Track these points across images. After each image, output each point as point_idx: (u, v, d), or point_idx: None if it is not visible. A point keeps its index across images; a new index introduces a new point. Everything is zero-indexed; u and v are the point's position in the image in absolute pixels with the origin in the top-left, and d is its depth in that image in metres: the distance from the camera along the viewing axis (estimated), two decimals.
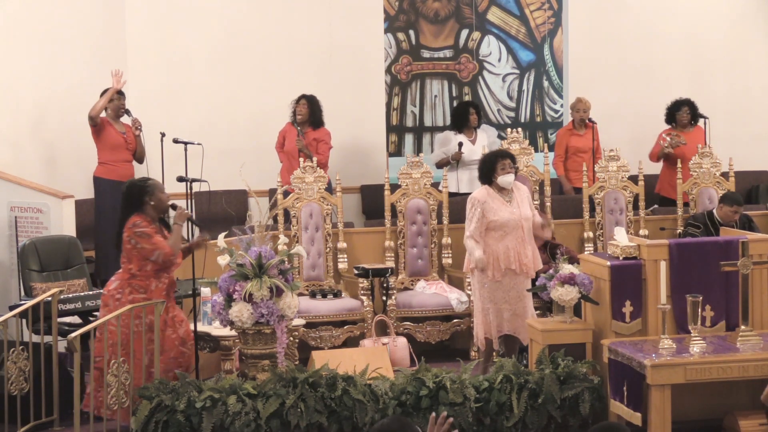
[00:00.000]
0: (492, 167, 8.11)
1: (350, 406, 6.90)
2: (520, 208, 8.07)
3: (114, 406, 7.00)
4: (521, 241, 8.05)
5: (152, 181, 7.50)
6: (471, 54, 12.50)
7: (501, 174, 8.07)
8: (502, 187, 8.08)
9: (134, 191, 7.38)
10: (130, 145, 10.11)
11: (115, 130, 10.07)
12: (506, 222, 8.01)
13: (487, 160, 8.25)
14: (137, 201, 7.35)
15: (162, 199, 7.41)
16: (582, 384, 7.02)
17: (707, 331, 7.15)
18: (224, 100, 11.31)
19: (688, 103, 11.20)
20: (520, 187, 8.22)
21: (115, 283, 7.34)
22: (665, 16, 12.32)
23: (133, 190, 7.39)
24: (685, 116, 11.13)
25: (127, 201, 7.39)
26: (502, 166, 8.08)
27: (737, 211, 9.28)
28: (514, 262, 8.00)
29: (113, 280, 7.39)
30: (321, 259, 9.43)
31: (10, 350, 7.30)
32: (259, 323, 6.99)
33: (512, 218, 8.02)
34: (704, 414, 7.10)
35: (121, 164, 10.09)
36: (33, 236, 8.79)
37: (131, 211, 7.34)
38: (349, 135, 11.50)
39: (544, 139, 12.43)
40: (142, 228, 7.25)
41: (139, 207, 7.34)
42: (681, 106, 11.16)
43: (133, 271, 7.30)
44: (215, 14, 11.35)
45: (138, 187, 7.40)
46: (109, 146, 10.02)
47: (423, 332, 9.15)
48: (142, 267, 7.28)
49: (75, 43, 10.64)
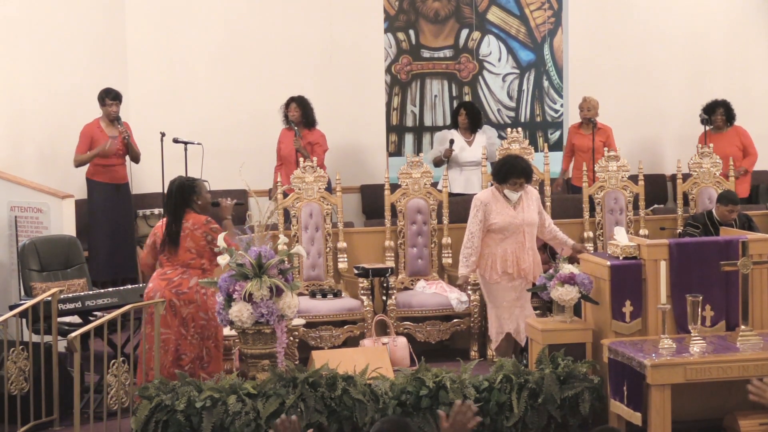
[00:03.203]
0: (505, 178, 8.00)
1: (350, 406, 6.90)
2: (525, 213, 8.05)
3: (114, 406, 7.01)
4: (521, 245, 8.03)
5: (199, 181, 7.70)
6: (471, 54, 12.51)
7: (509, 188, 8.01)
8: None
9: (185, 190, 7.55)
10: (120, 151, 10.12)
11: (107, 136, 10.06)
12: (507, 226, 7.99)
13: (504, 169, 8.07)
14: (188, 199, 7.53)
15: (207, 199, 7.66)
16: (582, 384, 7.02)
17: (707, 330, 7.15)
18: (224, 100, 11.31)
19: (724, 104, 11.22)
20: (529, 191, 8.16)
21: (192, 280, 7.42)
22: (665, 17, 12.32)
23: (183, 190, 7.56)
24: (720, 118, 11.15)
25: (179, 199, 7.53)
26: (514, 182, 7.99)
27: (733, 210, 9.27)
28: (511, 266, 7.99)
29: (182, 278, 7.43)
30: (321, 258, 9.43)
31: (10, 350, 7.29)
32: (259, 323, 6.99)
33: (514, 222, 8.00)
34: (704, 414, 7.10)
35: (112, 167, 10.10)
36: (33, 236, 8.79)
37: (182, 209, 7.51)
38: (349, 135, 11.50)
39: (544, 139, 12.44)
40: (215, 225, 7.49)
41: (188, 205, 7.53)
42: (716, 108, 11.19)
43: (205, 266, 7.48)
44: (215, 14, 11.36)
45: (187, 187, 7.57)
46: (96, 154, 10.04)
47: (423, 332, 9.15)
48: (212, 261, 7.46)
49: (75, 43, 10.64)
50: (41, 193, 9.13)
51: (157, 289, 7.44)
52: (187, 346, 7.43)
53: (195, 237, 7.45)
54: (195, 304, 7.43)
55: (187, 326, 7.43)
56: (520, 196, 8.05)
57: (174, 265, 7.48)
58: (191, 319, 7.43)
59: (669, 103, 12.26)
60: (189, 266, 7.46)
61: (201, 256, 7.47)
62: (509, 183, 8.00)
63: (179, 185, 7.60)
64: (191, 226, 7.46)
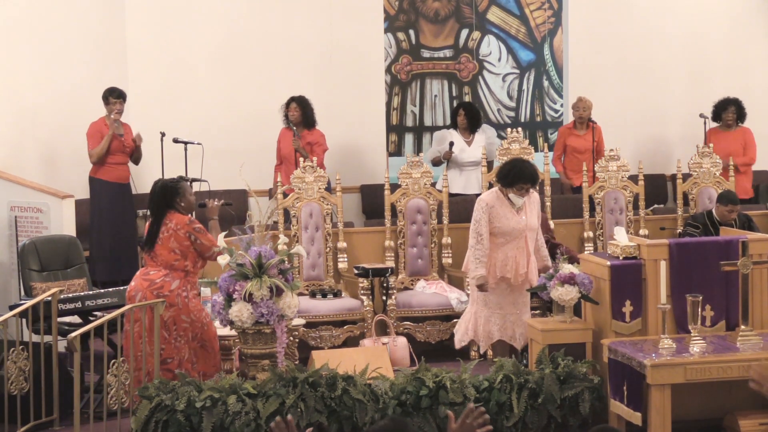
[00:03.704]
0: (512, 183, 7.95)
1: (350, 406, 6.90)
2: (528, 218, 8.02)
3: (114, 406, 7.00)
4: (522, 251, 7.99)
5: (183, 183, 7.64)
6: (471, 54, 12.50)
7: (515, 193, 7.96)
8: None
9: (167, 192, 7.50)
10: (127, 149, 10.14)
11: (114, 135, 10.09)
12: (510, 230, 7.95)
13: (511, 173, 8.00)
14: (170, 201, 7.47)
15: (191, 202, 7.60)
16: (582, 384, 7.01)
17: (707, 330, 7.14)
18: (224, 100, 11.31)
19: (735, 102, 11.22)
20: (532, 194, 8.13)
21: (174, 282, 7.36)
22: (665, 16, 12.32)
23: (166, 191, 7.50)
24: (731, 116, 11.16)
25: (161, 200, 7.49)
26: (521, 188, 7.94)
27: (733, 210, 9.27)
28: (510, 271, 7.94)
29: (165, 280, 7.37)
30: (321, 258, 9.43)
31: (10, 350, 7.29)
32: (259, 323, 6.99)
33: (517, 227, 7.96)
34: (704, 414, 7.10)
35: (117, 166, 10.13)
36: (33, 236, 8.78)
37: (164, 210, 7.45)
38: (349, 135, 11.50)
39: (544, 139, 12.43)
40: (199, 224, 7.44)
41: (171, 206, 7.47)
42: (728, 106, 11.19)
43: (188, 268, 7.41)
44: (215, 14, 11.35)
45: (171, 188, 7.51)
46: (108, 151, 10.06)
47: (423, 332, 9.15)
48: (196, 263, 7.43)
49: (75, 43, 10.64)
50: (41, 193, 9.13)
51: (138, 289, 7.40)
52: (172, 349, 7.36)
53: (178, 237, 7.38)
54: (176, 307, 7.37)
55: (169, 329, 7.36)
56: (524, 202, 8.02)
57: (158, 266, 7.43)
58: (173, 322, 7.35)
59: (669, 103, 12.25)
60: (172, 267, 7.40)
61: (185, 257, 7.39)
62: (516, 188, 7.95)
63: (162, 186, 7.55)
64: (174, 227, 7.39)
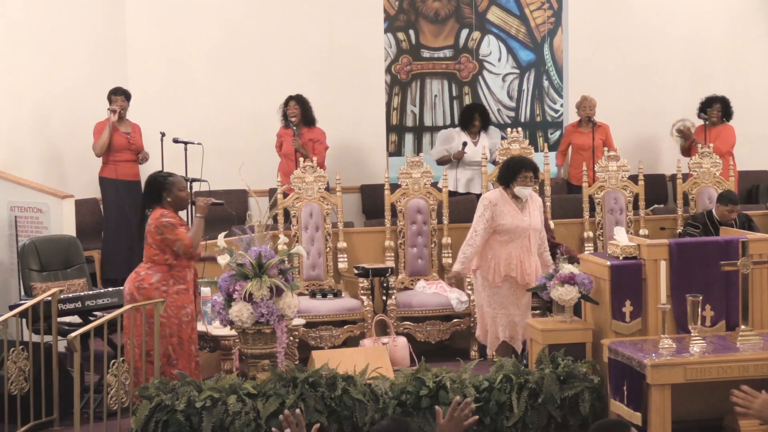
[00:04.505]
0: (514, 174, 8.00)
1: (350, 406, 6.90)
2: (531, 218, 8.02)
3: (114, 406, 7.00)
4: (526, 250, 8.00)
5: (173, 178, 7.52)
6: (471, 54, 12.50)
7: (520, 184, 7.99)
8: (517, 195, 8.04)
9: (154, 186, 7.46)
10: (133, 146, 10.20)
11: (119, 131, 10.16)
12: (514, 228, 7.96)
13: (511, 165, 8.09)
14: (156, 195, 7.44)
15: (180, 198, 7.49)
16: (582, 384, 7.01)
17: (707, 330, 7.14)
18: (224, 100, 11.31)
19: (722, 100, 11.24)
20: (534, 197, 8.15)
21: (156, 276, 7.33)
22: (665, 16, 12.32)
23: (153, 185, 7.47)
24: (715, 113, 11.17)
25: (147, 194, 7.48)
26: (523, 177, 7.96)
27: (733, 210, 9.28)
28: (515, 270, 7.96)
29: (147, 273, 7.35)
30: (321, 258, 9.43)
31: (10, 350, 7.29)
32: (259, 323, 6.99)
33: (521, 226, 7.97)
34: (704, 414, 7.10)
35: (124, 164, 10.20)
36: (33, 236, 8.78)
37: (150, 204, 7.44)
38: (349, 135, 11.50)
39: (544, 139, 12.44)
40: (169, 219, 7.34)
41: (157, 201, 7.43)
42: (713, 103, 11.22)
43: (170, 262, 7.35)
44: (215, 14, 11.36)
45: (158, 183, 7.46)
46: (114, 147, 10.13)
47: (423, 332, 9.15)
48: (178, 257, 7.35)
49: (75, 43, 10.64)
50: (41, 193, 9.12)
51: (127, 281, 7.45)
52: (151, 342, 7.28)
53: (151, 232, 7.37)
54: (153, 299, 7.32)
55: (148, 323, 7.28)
56: (526, 201, 8.03)
57: (145, 260, 7.44)
58: (149, 315, 7.28)
59: (669, 103, 12.24)
60: (154, 262, 7.38)
61: (163, 251, 7.36)
62: (519, 178, 7.96)
63: (150, 181, 7.52)
64: (150, 222, 7.39)
